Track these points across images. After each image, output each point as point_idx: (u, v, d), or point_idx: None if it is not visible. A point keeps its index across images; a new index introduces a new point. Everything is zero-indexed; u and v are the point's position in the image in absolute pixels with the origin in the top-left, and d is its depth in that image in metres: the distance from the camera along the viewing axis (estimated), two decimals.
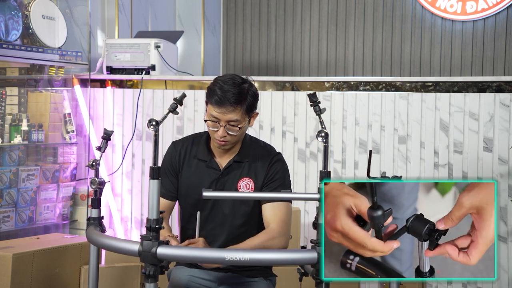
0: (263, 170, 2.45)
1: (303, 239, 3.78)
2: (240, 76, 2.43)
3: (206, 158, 2.46)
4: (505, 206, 3.72)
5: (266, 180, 2.45)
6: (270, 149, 2.53)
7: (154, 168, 2.03)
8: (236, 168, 2.45)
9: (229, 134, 2.36)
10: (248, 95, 2.38)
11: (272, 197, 2.41)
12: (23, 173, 3.93)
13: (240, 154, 2.47)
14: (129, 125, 4.26)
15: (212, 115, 2.36)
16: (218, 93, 2.35)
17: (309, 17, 5.80)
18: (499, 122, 3.75)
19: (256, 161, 2.46)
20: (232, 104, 2.33)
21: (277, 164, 2.47)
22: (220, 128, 2.35)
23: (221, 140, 2.37)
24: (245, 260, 1.97)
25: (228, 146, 2.42)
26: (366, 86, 3.95)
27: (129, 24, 5.09)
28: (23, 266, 3.14)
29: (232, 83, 2.37)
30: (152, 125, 2.04)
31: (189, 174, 2.47)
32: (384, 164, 3.87)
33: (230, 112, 2.33)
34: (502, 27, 5.31)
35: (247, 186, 2.45)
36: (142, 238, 2.01)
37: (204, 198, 2.03)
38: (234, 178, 2.45)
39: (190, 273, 2.45)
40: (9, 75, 4.16)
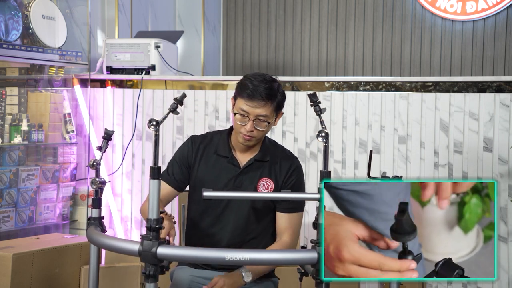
0: (283, 173, 2.48)
1: (303, 239, 3.78)
2: (270, 75, 2.46)
3: (228, 154, 2.47)
4: (505, 206, 3.72)
5: (285, 185, 2.47)
6: (289, 153, 2.57)
7: (154, 168, 2.03)
8: (256, 167, 2.47)
9: (256, 129, 2.37)
10: (278, 92, 2.41)
11: (272, 197, 2.41)
12: (23, 173, 3.93)
13: (261, 153, 2.48)
14: (129, 125, 4.26)
15: (242, 109, 2.36)
16: (250, 87, 2.36)
17: (309, 17, 5.80)
18: (499, 122, 3.75)
19: (276, 162, 2.49)
20: (264, 98, 2.35)
21: (297, 171, 2.51)
22: (248, 122, 2.37)
23: (247, 135, 2.38)
24: (245, 260, 1.97)
25: (252, 142, 2.43)
26: (366, 86, 3.95)
27: (129, 24, 5.09)
28: (23, 266, 3.15)
29: (263, 79, 2.39)
30: (152, 125, 2.04)
31: (206, 169, 2.48)
32: (384, 164, 3.87)
33: (261, 106, 2.35)
34: (502, 27, 5.31)
35: (267, 186, 2.47)
36: (142, 238, 2.00)
37: (204, 198, 2.03)
38: (254, 177, 2.46)
39: (192, 273, 2.46)
40: (9, 75, 4.16)
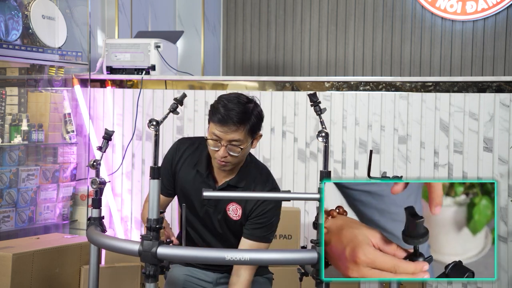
0: (252, 203, 2.36)
1: (303, 239, 3.78)
2: (246, 96, 2.34)
3: (205, 172, 2.39)
4: (505, 206, 3.72)
5: (253, 215, 2.36)
6: (266, 179, 2.43)
7: (154, 168, 2.03)
8: (229, 191, 2.37)
9: (230, 155, 2.28)
10: (252, 115, 2.29)
11: (272, 197, 2.39)
12: (23, 173, 3.93)
13: (236, 178, 2.39)
14: (129, 125, 4.26)
15: (214, 134, 2.27)
16: (221, 111, 2.25)
17: (309, 17, 5.80)
18: (499, 122, 3.75)
19: (250, 187, 2.38)
20: (235, 123, 2.24)
21: (267, 202, 2.35)
22: (221, 148, 2.27)
23: (221, 161, 2.30)
24: (245, 260, 1.97)
25: (228, 167, 2.34)
26: (366, 86, 3.95)
27: (129, 24, 5.09)
28: (23, 266, 3.14)
29: (236, 102, 2.27)
30: (152, 125, 2.04)
31: (186, 181, 2.43)
32: (384, 164, 3.87)
33: (233, 131, 2.25)
34: (502, 27, 5.31)
35: (236, 211, 2.38)
36: (142, 238, 2.01)
37: (204, 198, 2.03)
38: (226, 200, 2.38)
39: (187, 272, 2.45)
40: (9, 75, 4.16)
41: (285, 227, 3.55)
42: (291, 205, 3.77)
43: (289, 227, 3.54)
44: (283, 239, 3.52)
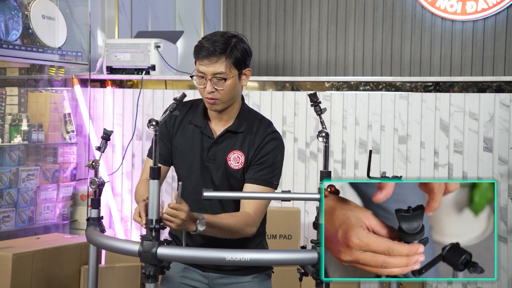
0: (256, 144, 2.33)
1: (303, 239, 3.78)
2: (233, 32, 2.32)
3: (202, 124, 2.36)
4: (505, 206, 3.72)
5: (255, 158, 2.33)
6: (267, 124, 2.41)
7: (154, 168, 2.02)
8: (229, 138, 2.35)
9: (217, 90, 2.24)
10: (235, 48, 2.26)
11: (273, 197, 2.39)
12: (23, 173, 3.93)
13: (235, 124, 2.36)
14: (129, 125, 4.26)
15: (199, 70, 2.25)
16: (204, 45, 2.24)
17: (309, 17, 5.80)
18: (499, 122, 3.75)
19: (250, 134, 2.35)
20: (218, 54, 2.22)
21: (271, 143, 2.35)
22: (207, 82, 2.25)
23: (209, 98, 2.26)
24: (245, 260, 1.97)
25: (219, 106, 2.30)
26: (366, 86, 3.95)
27: (129, 24, 5.09)
28: (23, 266, 3.15)
29: (220, 35, 2.26)
30: (152, 125, 2.03)
31: (183, 139, 2.39)
32: (384, 164, 3.87)
33: (215, 63, 2.22)
34: (502, 27, 5.31)
35: (237, 160, 2.34)
36: (142, 238, 2.00)
37: (204, 198, 2.02)
38: (226, 148, 2.35)
39: (182, 272, 2.44)
40: (9, 75, 4.16)
41: (285, 227, 3.55)
42: (291, 205, 3.77)
43: (289, 227, 3.54)
44: (283, 239, 3.52)
